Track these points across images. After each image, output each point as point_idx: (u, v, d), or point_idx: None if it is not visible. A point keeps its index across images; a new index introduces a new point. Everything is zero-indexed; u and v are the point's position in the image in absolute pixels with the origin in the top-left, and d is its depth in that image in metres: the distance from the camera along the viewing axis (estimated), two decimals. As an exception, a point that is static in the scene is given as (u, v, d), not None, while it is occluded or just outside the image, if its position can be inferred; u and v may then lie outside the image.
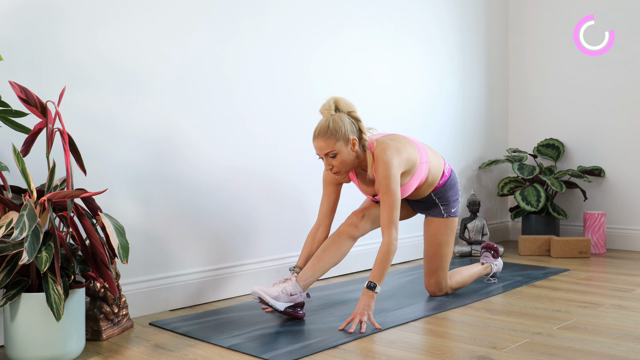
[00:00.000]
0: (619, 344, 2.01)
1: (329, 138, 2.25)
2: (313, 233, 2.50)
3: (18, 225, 1.64)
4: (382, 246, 2.24)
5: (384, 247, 2.23)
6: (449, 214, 2.63)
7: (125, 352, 1.98)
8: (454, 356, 1.90)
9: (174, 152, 2.53)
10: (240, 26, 2.75)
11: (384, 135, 2.46)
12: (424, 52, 3.75)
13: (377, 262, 2.24)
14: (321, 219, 2.51)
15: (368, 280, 2.24)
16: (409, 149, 2.39)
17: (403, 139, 2.42)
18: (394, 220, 2.25)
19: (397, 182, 2.28)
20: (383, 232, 2.25)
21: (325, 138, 2.25)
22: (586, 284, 2.95)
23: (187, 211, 2.57)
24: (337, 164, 2.29)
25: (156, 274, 2.49)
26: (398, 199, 2.26)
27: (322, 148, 2.27)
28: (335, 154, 2.27)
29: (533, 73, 4.39)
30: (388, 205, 2.25)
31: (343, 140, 2.26)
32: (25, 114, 1.89)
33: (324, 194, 2.51)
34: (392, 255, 2.23)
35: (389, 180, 2.26)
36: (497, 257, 3.01)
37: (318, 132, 2.27)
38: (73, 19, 2.22)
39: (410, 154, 2.38)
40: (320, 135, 2.26)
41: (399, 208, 2.28)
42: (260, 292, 2.24)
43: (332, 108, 2.29)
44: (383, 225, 2.25)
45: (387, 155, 2.28)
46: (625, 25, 3.97)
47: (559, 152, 4.18)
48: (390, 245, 2.23)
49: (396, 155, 2.30)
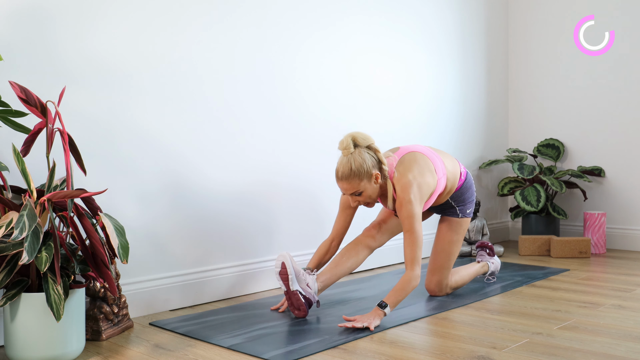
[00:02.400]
0: (618, 344, 2.01)
1: (352, 179, 2.29)
2: (327, 244, 2.57)
3: (18, 225, 1.64)
4: (405, 278, 2.27)
5: (406, 280, 2.27)
6: (463, 215, 2.67)
7: (125, 352, 1.98)
8: (454, 356, 1.90)
9: (174, 152, 2.53)
10: (237, 25, 2.75)
11: (402, 154, 2.47)
12: (427, 52, 3.75)
13: (396, 289, 2.26)
14: (335, 235, 2.57)
15: (382, 300, 2.26)
16: (427, 178, 2.40)
17: (420, 161, 2.43)
18: (417, 257, 2.29)
19: (419, 220, 2.32)
20: (406, 267, 2.30)
21: (350, 180, 2.29)
22: (586, 284, 2.95)
23: (187, 211, 2.58)
24: (363, 199, 2.36)
25: (156, 274, 2.49)
26: (421, 237, 2.32)
27: (347, 189, 2.32)
28: (361, 192, 2.33)
29: (533, 73, 4.39)
30: (411, 242, 2.30)
31: (367, 178, 2.30)
32: (25, 114, 1.89)
33: (340, 215, 2.57)
34: (411, 288, 2.27)
35: (412, 219, 2.31)
36: (492, 256, 3.02)
37: (341, 174, 2.30)
38: (73, 19, 2.22)
39: (429, 183, 2.41)
40: (344, 178, 2.30)
41: (422, 245, 2.35)
42: (287, 259, 2.30)
43: (350, 145, 2.31)
44: (407, 261, 2.30)
45: (410, 197, 2.32)
46: (625, 25, 3.97)
47: (559, 152, 4.18)
48: (413, 281, 2.27)
49: (417, 193, 2.34)
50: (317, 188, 3.12)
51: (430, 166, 2.44)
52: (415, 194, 2.33)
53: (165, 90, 2.50)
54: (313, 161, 3.10)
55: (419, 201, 2.34)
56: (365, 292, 2.79)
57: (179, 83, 2.54)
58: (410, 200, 2.32)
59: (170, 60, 2.51)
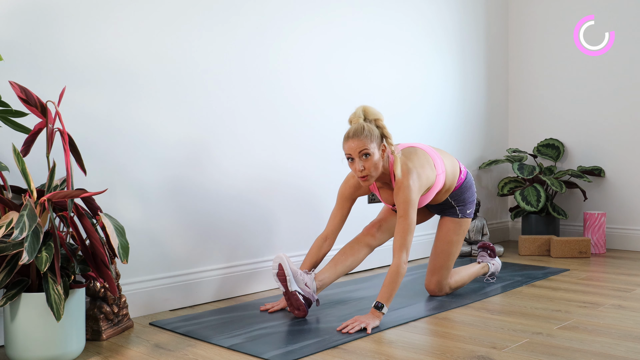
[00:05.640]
0: (618, 344, 2.01)
1: (364, 138, 2.27)
2: (319, 244, 2.53)
3: (18, 225, 1.64)
4: (392, 267, 2.26)
5: (393, 269, 2.25)
6: (463, 215, 2.67)
7: (125, 352, 1.98)
8: (454, 356, 1.90)
9: (174, 152, 2.53)
10: (239, 24, 2.75)
11: (402, 148, 2.47)
12: (428, 53, 3.75)
13: (385, 284, 2.25)
14: (329, 232, 2.54)
15: (376, 300, 2.25)
16: (427, 170, 2.41)
17: (420, 155, 2.44)
18: (406, 244, 2.28)
19: (415, 208, 2.31)
20: (394, 254, 2.27)
21: (361, 138, 2.27)
22: (586, 284, 2.95)
23: (187, 211, 2.58)
24: (369, 165, 2.29)
25: (156, 274, 2.49)
26: (413, 224, 2.30)
27: (356, 147, 2.27)
28: (369, 154, 2.28)
29: (533, 73, 4.39)
30: (403, 228, 2.28)
31: (376, 142, 2.29)
32: (25, 114, 1.89)
33: (338, 207, 2.54)
34: (400, 277, 2.24)
35: (408, 205, 2.30)
36: (493, 257, 3.02)
37: (353, 132, 2.28)
38: (73, 19, 2.22)
39: (428, 176, 2.41)
40: (356, 135, 2.27)
41: (413, 232, 2.32)
42: (284, 260, 2.28)
43: (361, 116, 2.31)
44: (395, 247, 2.28)
45: (409, 182, 2.31)
46: (625, 26, 3.97)
47: (559, 152, 4.18)
48: (400, 268, 2.24)
49: (417, 181, 2.34)
50: (316, 189, 3.12)
51: (430, 161, 2.44)
52: (415, 181, 2.32)
53: (165, 91, 2.50)
54: (312, 162, 3.10)
55: (417, 189, 2.33)
56: (364, 292, 2.79)
57: (179, 83, 2.54)
58: (409, 185, 2.31)
59: (170, 61, 2.51)
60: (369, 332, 2.14)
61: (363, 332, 2.15)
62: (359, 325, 2.16)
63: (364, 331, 2.15)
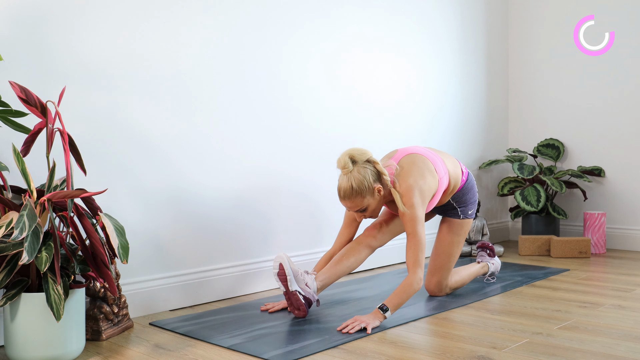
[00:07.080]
0: (618, 344, 2.01)
1: (355, 198, 2.30)
2: (327, 259, 2.60)
3: (18, 225, 1.64)
4: (407, 280, 2.27)
5: (408, 282, 2.26)
6: (465, 216, 2.67)
7: (125, 352, 1.98)
8: (454, 356, 1.90)
9: (174, 152, 2.53)
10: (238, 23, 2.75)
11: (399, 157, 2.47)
12: (428, 53, 3.75)
13: (397, 292, 2.26)
14: (336, 250, 2.60)
15: (382, 303, 2.27)
16: (428, 179, 2.40)
17: (419, 163, 2.42)
18: (419, 260, 2.29)
19: (422, 223, 2.33)
20: (409, 270, 2.29)
21: (352, 199, 2.31)
22: (586, 284, 2.95)
23: (187, 211, 2.58)
24: (368, 214, 2.38)
25: (156, 274, 2.49)
26: (423, 239, 2.32)
27: (351, 207, 2.34)
28: (365, 208, 2.34)
29: (533, 73, 4.39)
30: (414, 245, 2.30)
31: (369, 194, 2.31)
32: (25, 114, 1.89)
33: (345, 226, 2.59)
34: (413, 292, 2.26)
35: (415, 222, 2.31)
36: (493, 256, 3.02)
37: (343, 194, 2.31)
38: (73, 19, 2.22)
39: (430, 185, 2.40)
40: (347, 198, 2.31)
41: (425, 248, 2.36)
42: (285, 260, 2.30)
43: (349, 164, 2.31)
44: (409, 264, 2.30)
45: (412, 201, 2.32)
46: (625, 26, 3.97)
47: (559, 152, 4.18)
48: (415, 284, 2.26)
49: (419, 196, 2.35)
50: (314, 188, 3.12)
51: (429, 166, 2.44)
52: (417, 198, 2.34)
53: (165, 91, 2.50)
54: (311, 162, 3.10)
55: (421, 204, 2.35)
56: (365, 292, 2.79)
57: (180, 86, 2.54)
58: (413, 204, 2.32)
59: (171, 62, 2.51)
60: (369, 332, 2.14)
61: (363, 332, 2.15)
62: (359, 325, 2.16)
63: (364, 331, 2.15)
